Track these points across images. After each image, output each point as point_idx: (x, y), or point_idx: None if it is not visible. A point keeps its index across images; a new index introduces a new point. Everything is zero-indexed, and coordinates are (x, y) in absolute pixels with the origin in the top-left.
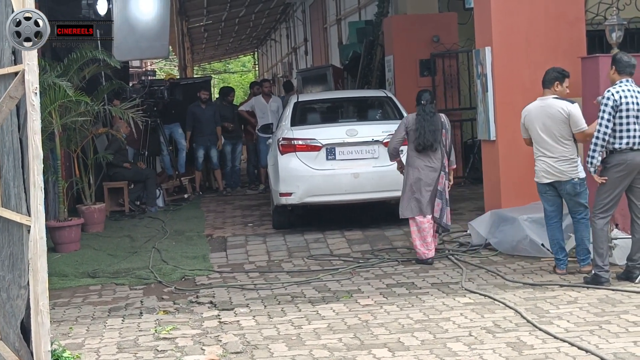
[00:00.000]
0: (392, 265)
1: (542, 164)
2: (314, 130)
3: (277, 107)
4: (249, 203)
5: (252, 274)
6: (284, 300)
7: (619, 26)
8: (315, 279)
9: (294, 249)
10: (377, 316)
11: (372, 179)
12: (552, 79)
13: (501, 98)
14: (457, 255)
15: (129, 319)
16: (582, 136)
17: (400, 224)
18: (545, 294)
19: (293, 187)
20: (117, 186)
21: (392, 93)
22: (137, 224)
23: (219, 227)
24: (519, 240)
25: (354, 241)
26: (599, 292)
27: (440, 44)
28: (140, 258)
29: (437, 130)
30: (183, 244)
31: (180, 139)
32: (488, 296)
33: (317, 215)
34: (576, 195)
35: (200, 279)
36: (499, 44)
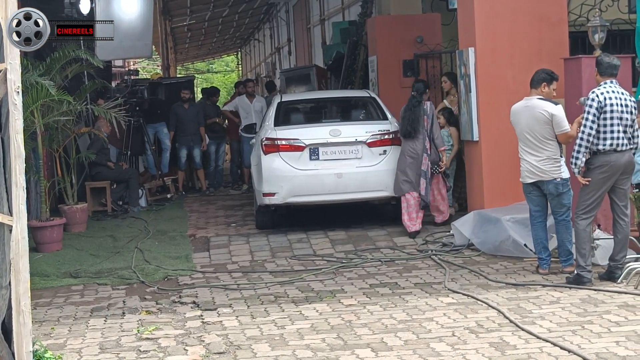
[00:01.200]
0: (375, 266)
1: (526, 164)
2: (297, 131)
3: (261, 107)
4: (232, 203)
5: (235, 274)
6: (267, 300)
7: (602, 27)
8: (298, 279)
9: (277, 249)
10: (360, 316)
11: (355, 179)
12: (540, 79)
13: (484, 99)
14: (440, 255)
15: (112, 319)
16: (564, 137)
17: (384, 224)
18: (528, 294)
19: (276, 187)
20: (100, 186)
21: (375, 93)
22: (120, 224)
23: (202, 227)
24: (502, 240)
25: (337, 241)
26: (581, 292)
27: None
28: (122, 258)
29: (416, 120)
30: (166, 244)
31: (165, 139)
32: (471, 296)
33: (300, 216)
34: (559, 196)
35: (183, 279)
36: (482, 44)
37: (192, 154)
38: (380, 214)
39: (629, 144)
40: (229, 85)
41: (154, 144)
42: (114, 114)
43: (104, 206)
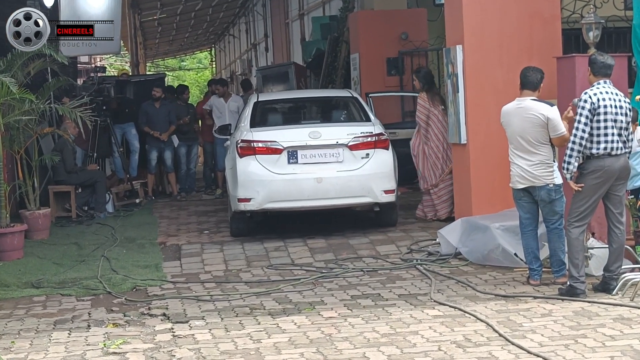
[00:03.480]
0: (357, 276)
1: (516, 168)
2: (274, 132)
3: (237, 107)
4: (205, 209)
5: (208, 285)
6: (242, 312)
7: (597, 25)
8: (275, 290)
9: (253, 258)
10: (341, 329)
11: (336, 184)
12: (539, 80)
13: (472, 99)
14: (426, 265)
15: (76, 332)
16: (560, 141)
17: (366, 231)
18: (518, 306)
19: (252, 193)
20: (64, 190)
21: (357, 93)
22: (85, 230)
23: (173, 235)
24: (490, 249)
25: (316, 250)
26: (574, 304)
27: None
28: (88, 267)
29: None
30: (134, 252)
31: (133, 140)
32: (458, 308)
33: (277, 223)
34: (551, 203)
35: (152, 290)
36: (470, 42)
37: (162, 156)
38: (363, 221)
39: (623, 148)
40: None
41: (122, 146)
42: (79, 114)
43: (68, 212)
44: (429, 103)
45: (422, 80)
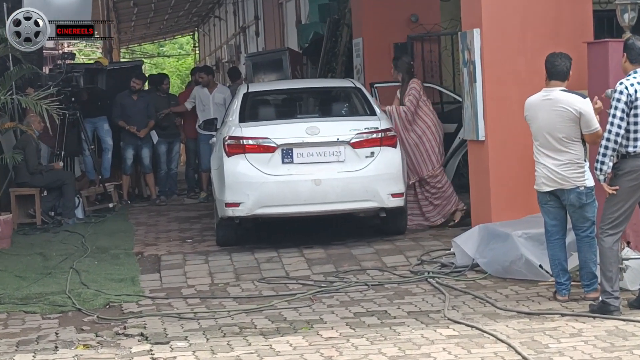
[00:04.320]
0: (361, 291)
1: (542, 168)
2: (267, 128)
3: (223, 99)
4: (187, 214)
5: (191, 301)
6: (230, 332)
7: (632, 6)
8: (268, 307)
9: (242, 271)
10: (343, 351)
11: (336, 186)
12: (568, 68)
13: (492, 90)
14: (439, 278)
15: (42, 355)
16: (594, 138)
17: (370, 240)
18: (543, 325)
19: (241, 196)
20: (27, 193)
21: (361, 83)
22: (52, 239)
23: (151, 244)
24: (512, 260)
25: (314, 261)
26: (607, 322)
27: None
28: (55, 281)
29: None
30: (107, 264)
31: (106, 137)
32: (476, 327)
33: (270, 230)
34: (581, 208)
35: (128, 306)
36: (489, 25)
37: (139, 154)
38: (367, 229)
39: None
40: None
41: (93, 143)
42: (45, 106)
43: (32, 218)
44: (422, 90)
45: (402, 69)
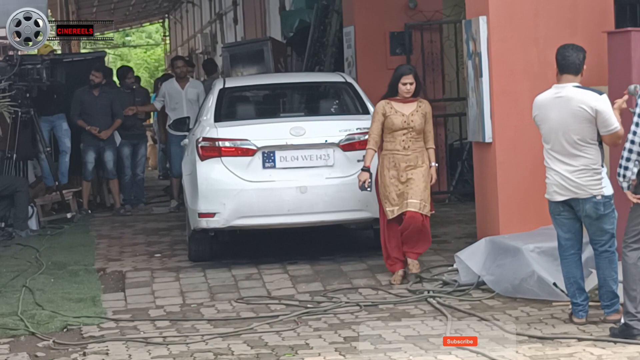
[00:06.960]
0: (352, 312)
1: (554, 175)
2: (245, 128)
3: (197, 95)
4: (156, 226)
5: (160, 323)
6: (203, 358)
7: None
8: (247, 330)
9: (217, 289)
10: None
11: (324, 194)
12: (581, 61)
13: (500, 85)
14: (440, 298)
15: None
16: (613, 139)
17: (362, 255)
18: (558, 351)
19: (217, 206)
20: None
21: (352, 77)
22: (2, 253)
23: (115, 259)
24: (523, 278)
25: (299, 278)
26: (630, 348)
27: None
28: (5, 300)
29: None
30: (65, 282)
31: (64, 138)
32: (482, 354)
33: (249, 244)
34: (599, 219)
35: (88, 330)
36: (497, 12)
37: (102, 158)
38: (358, 242)
39: None
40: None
41: (50, 145)
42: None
43: None
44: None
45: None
